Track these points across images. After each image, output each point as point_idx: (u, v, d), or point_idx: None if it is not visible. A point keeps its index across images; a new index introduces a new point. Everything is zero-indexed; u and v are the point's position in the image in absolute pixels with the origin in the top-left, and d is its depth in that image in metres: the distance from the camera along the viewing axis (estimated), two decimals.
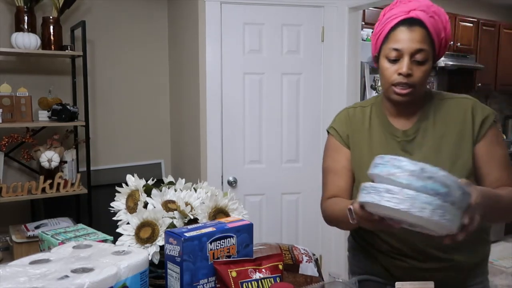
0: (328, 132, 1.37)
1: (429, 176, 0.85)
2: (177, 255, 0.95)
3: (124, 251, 0.98)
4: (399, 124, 1.25)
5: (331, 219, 1.28)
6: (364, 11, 3.71)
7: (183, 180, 1.29)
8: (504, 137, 5.35)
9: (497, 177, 1.18)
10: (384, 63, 1.17)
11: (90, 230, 1.23)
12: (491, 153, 1.19)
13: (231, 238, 1.02)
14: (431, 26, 1.14)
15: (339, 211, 1.18)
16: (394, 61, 1.15)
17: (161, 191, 1.20)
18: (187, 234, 0.96)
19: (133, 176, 1.23)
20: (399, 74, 1.14)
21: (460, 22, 4.64)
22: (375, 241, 1.29)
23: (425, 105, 1.24)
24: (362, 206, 0.96)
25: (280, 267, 1.05)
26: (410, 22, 1.13)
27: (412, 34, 1.12)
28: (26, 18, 2.60)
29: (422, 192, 0.84)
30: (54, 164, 2.59)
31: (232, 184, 2.83)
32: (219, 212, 1.19)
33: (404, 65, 1.13)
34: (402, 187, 0.85)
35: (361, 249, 1.38)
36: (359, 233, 1.37)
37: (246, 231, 1.05)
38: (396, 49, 1.14)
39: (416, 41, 1.12)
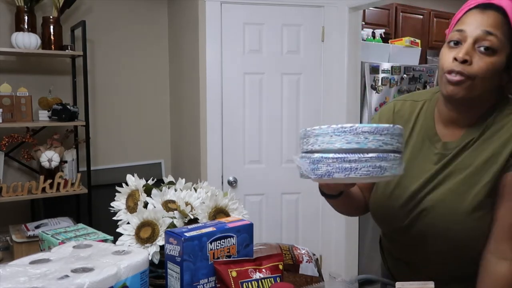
0: None
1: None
2: (177, 255, 0.95)
3: (124, 251, 0.98)
4: (445, 131, 1.05)
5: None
6: (364, 11, 3.71)
7: (183, 180, 1.29)
8: None
9: (503, 230, 0.97)
10: (444, 49, 0.99)
11: (90, 230, 1.23)
12: None
13: (231, 238, 1.02)
14: None
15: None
16: (455, 45, 0.97)
17: (161, 191, 1.20)
18: (187, 234, 0.96)
19: (133, 176, 1.23)
20: (455, 59, 0.95)
21: None
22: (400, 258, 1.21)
23: (487, 118, 1.00)
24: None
25: (280, 267, 1.05)
26: (485, 5, 0.95)
27: (483, 16, 0.94)
28: (26, 18, 2.60)
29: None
30: (54, 164, 2.59)
31: (232, 184, 2.83)
32: (219, 212, 1.19)
33: (463, 49, 0.94)
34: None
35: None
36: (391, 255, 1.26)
37: (246, 231, 1.05)
38: (459, 30, 0.96)
39: (484, 25, 0.93)
